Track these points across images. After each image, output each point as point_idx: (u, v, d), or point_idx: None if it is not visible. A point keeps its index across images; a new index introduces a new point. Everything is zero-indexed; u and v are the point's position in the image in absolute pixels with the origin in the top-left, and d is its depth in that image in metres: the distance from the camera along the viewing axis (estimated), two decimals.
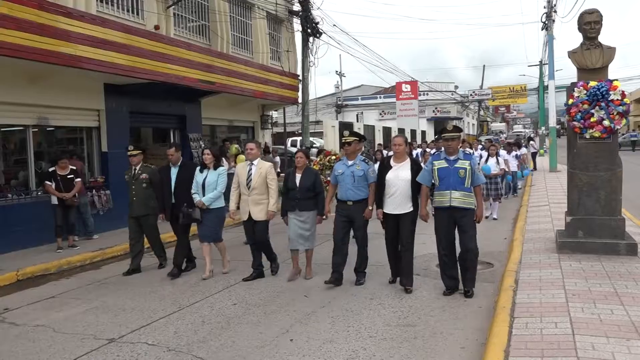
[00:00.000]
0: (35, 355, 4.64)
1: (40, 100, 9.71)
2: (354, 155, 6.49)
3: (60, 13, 8.88)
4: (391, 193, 6.04)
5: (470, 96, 48.59)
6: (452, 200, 5.68)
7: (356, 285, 6.34)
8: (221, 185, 7.11)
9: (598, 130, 6.95)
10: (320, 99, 39.01)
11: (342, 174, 6.44)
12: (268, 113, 18.46)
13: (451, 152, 5.79)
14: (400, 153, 6.12)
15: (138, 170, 7.62)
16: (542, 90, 37.56)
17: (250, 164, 6.91)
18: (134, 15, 11.59)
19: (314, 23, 17.10)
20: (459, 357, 4.27)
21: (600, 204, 7.05)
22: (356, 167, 6.37)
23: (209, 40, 14.16)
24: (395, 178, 6.02)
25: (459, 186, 5.67)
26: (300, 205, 6.65)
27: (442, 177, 5.76)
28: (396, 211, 6.04)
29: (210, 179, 7.08)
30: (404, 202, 6.01)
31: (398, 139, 6.17)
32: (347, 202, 6.38)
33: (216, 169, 7.14)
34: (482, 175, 5.92)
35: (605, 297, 5.15)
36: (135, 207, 7.55)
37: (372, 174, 6.36)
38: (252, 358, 4.38)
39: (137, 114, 12.05)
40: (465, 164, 5.71)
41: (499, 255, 7.73)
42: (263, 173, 6.82)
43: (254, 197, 6.79)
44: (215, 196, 7.05)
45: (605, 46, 7.14)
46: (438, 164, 5.82)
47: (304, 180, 6.67)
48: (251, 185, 6.79)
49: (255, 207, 6.80)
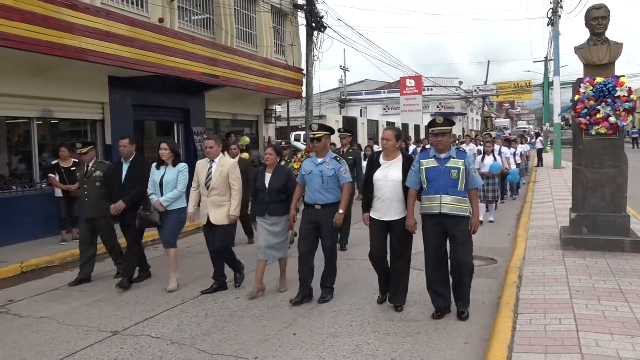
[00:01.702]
0: (39, 347, 4.66)
1: (45, 93, 9.71)
2: (323, 152, 5.68)
3: (64, 5, 8.87)
4: (379, 195, 5.20)
5: (474, 92, 48.46)
6: (442, 206, 4.86)
7: (320, 302, 5.56)
8: (181, 183, 6.33)
9: (604, 127, 6.92)
10: (324, 94, 38.90)
11: (309, 173, 5.62)
12: (272, 107, 18.46)
13: (441, 149, 4.97)
14: (390, 149, 5.23)
15: (91, 167, 6.81)
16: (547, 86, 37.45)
17: (210, 161, 6.17)
18: (139, 7, 11.57)
19: (318, 17, 17.07)
20: (463, 353, 4.27)
21: (605, 200, 7.03)
22: (326, 166, 5.56)
23: (213, 34, 14.13)
24: (384, 178, 5.17)
25: (450, 189, 4.86)
26: (270, 209, 5.81)
27: (430, 179, 4.92)
28: (385, 217, 5.18)
29: (169, 176, 6.28)
30: (393, 207, 5.15)
31: (387, 133, 5.28)
32: (315, 206, 5.55)
33: (175, 165, 6.34)
34: (478, 177, 5.08)
35: (609, 294, 5.14)
36: (88, 208, 6.70)
37: (344, 174, 5.57)
38: (255, 351, 4.38)
39: (141, 106, 12.06)
40: (459, 163, 4.89)
41: (503, 252, 7.71)
42: (224, 171, 6.06)
43: (214, 198, 6.04)
44: (175, 196, 6.26)
45: (612, 42, 7.10)
46: (426, 163, 4.98)
47: (274, 181, 5.85)
48: (210, 185, 6.04)
49: (215, 209, 6.05)
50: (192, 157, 13.44)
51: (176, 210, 6.31)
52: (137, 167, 6.56)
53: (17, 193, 9.46)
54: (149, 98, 12.19)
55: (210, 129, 15.11)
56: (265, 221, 5.87)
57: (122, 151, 6.57)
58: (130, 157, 6.59)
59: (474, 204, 5.02)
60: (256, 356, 4.29)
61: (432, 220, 4.97)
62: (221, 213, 6.04)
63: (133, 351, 4.48)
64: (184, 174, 6.35)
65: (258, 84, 15.07)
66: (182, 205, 6.38)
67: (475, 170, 5.01)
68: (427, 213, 4.98)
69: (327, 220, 5.52)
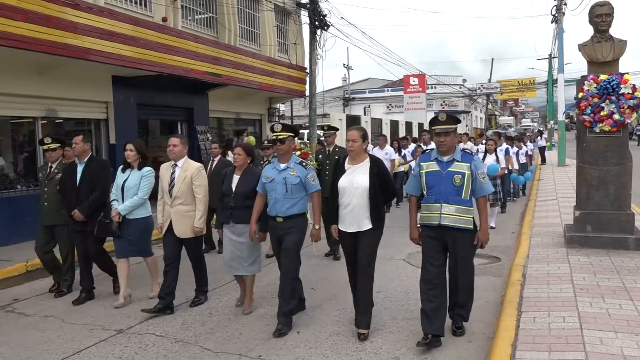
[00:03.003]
0: (44, 345, 4.68)
1: (49, 92, 9.74)
2: (287, 156, 4.97)
3: (68, 5, 8.89)
4: (345, 204, 4.60)
5: (478, 89, 48.31)
6: (442, 217, 4.28)
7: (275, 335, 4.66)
8: (144, 189, 5.61)
9: (608, 124, 6.90)
10: (328, 92, 38.91)
11: (271, 181, 4.91)
12: (275, 106, 18.46)
13: (444, 151, 4.37)
14: (356, 151, 4.61)
15: (54, 168, 6.15)
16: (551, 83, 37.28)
17: (174, 165, 5.51)
18: (142, 7, 11.58)
19: (321, 15, 17.06)
20: (466, 351, 4.26)
21: (609, 198, 7.01)
22: (290, 172, 4.86)
23: (217, 33, 14.13)
24: (349, 185, 4.55)
25: (452, 197, 4.28)
26: (235, 216, 5.17)
27: (431, 185, 4.38)
28: (351, 228, 4.58)
29: (132, 181, 5.62)
30: (360, 217, 4.54)
31: (352, 133, 4.62)
32: (277, 218, 4.87)
33: (141, 168, 5.66)
34: (488, 183, 4.43)
35: (613, 292, 5.13)
36: (47, 213, 6.09)
37: (312, 181, 4.88)
38: (259, 350, 4.39)
39: (145, 106, 12.09)
40: (464, 168, 4.30)
41: (507, 250, 7.70)
42: (188, 177, 5.38)
43: (178, 207, 5.37)
44: (134, 204, 5.57)
45: (617, 39, 7.07)
46: (427, 167, 4.44)
47: (241, 184, 5.21)
48: (173, 193, 5.38)
49: (180, 220, 5.37)
50: (195, 156, 13.46)
51: (139, 220, 5.67)
52: (92, 169, 5.90)
53: (22, 192, 9.50)
54: (152, 97, 12.21)
55: (213, 127, 15.13)
56: (231, 231, 5.25)
57: (74, 149, 5.96)
58: (85, 157, 5.95)
59: (483, 215, 4.46)
60: (260, 354, 4.31)
61: (431, 233, 4.41)
62: (186, 226, 5.39)
63: (138, 349, 4.50)
64: (148, 179, 5.67)
65: (261, 83, 15.08)
66: (147, 214, 5.72)
67: (484, 175, 4.37)
68: (426, 224, 4.43)
69: (290, 234, 4.85)
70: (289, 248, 4.85)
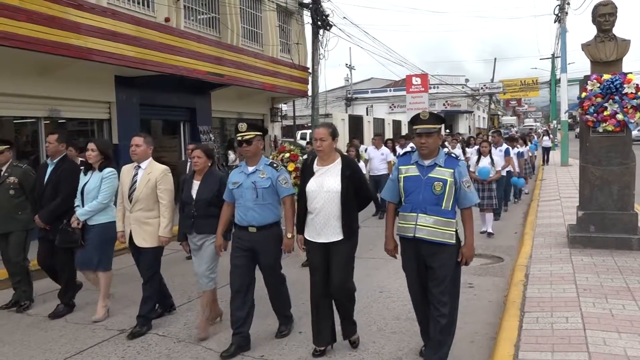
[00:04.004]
0: (47, 345, 4.69)
1: (52, 93, 9.76)
2: (256, 158, 4.45)
3: (70, 5, 8.90)
4: (313, 211, 4.13)
5: (481, 89, 48.25)
6: (417, 229, 3.76)
7: (277, 337, 4.66)
8: (105, 192, 5.14)
9: (611, 124, 6.89)
10: (330, 92, 38.93)
11: (239, 187, 4.40)
12: (278, 106, 18.48)
13: (426, 154, 3.84)
14: (325, 151, 4.13)
15: (4, 171, 5.67)
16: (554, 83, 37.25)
17: (136, 166, 4.99)
18: (145, 7, 11.60)
19: (324, 15, 17.06)
20: (469, 351, 4.26)
21: (612, 198, 6.99)
22: (260, 176, 4.37)
23: (219, 33, 14.15)
24: (318, 188, 4.11)
25: (430, 207, 3.74)
26: (198, 225, 4.70)
27: (409, 192, 3.85)
28: (321, 238, 4.12)
29: (92, 184, 5.17)
30: (331, 226, 4.08)
31: (320, 131, 4.16)
32: (249, 229, 4.36)
33: (102, 169, 5.20)
34: (473, 193, 3.89)
35: (617, 292, 5.12)
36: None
37: (284, 184, 4.40)
38: (262, 350, 4.39)
39: (148, 106, 12.11)
40: (446, 174, 3.77)
41: (509, 250, 7.69)
42: (152, 180, 4.88)
43: (138, 214, 4.87)
44: (94, 208, 5.12)
45: (620, 39, 7.06)
46: (405, 171, 3.90)
47: (203, 190, 4.72)
48: (134, 198, 4.88)
49: (139, 229, 4.88)
50: None
51: (99, 226, 5.17)
52: (60, 171, 5.47)
53: None
54: (155, 97, 12.23)
55: (216, 128, 15.15)
56: (193, 242, 4.79)
57: (47, 149, 5.57)
58: (57, 157, 5.54)
59: (468, 228, 3.89)
60: (262, 354, 4.31)
61: (407, 245, 3.91)
62: (147, 233, 4.88)
63: (140, 349, 4.51)
64: (109, 182, 5.18)
65: (264, 83, 15.09)
66: (109, 219, 5.21)
67: (469, 184, 3.84)
68: (403, 235, 3.91)
69: (266, 247, 4.38)
70: (269, 266, 4.46)
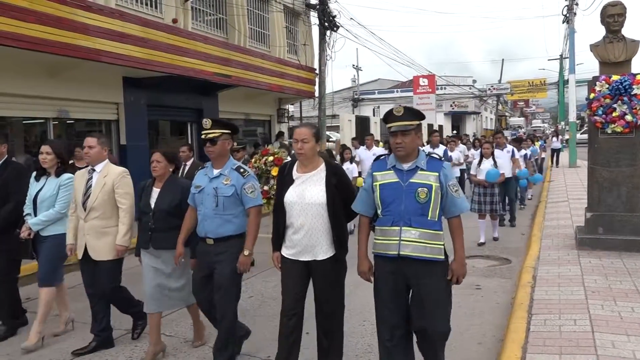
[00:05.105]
0: (55, 344, 4.73)
1: (60, 93, 9.84)
2: (222, 160, 3.97)
3: (79, 6, 8.97)
4: (293, 225, 3.57)
5: (488, 90, 48.10)
6: (401, 245, 3.18)
7: None
8: (62, 201, 4.66)
9: (620, 125, 6.86)
10: (337, 93, 38.92)
11: (200, 191, 3.94)
12: (284, 107, 18.50)
13: (403, 156, 3.25)
14: (307, 154, 3.55)
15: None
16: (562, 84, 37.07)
17: (90, 170, 4.50)
18: (152, 8, 11.66)
19: (331, 16, 17.05)
20: (476, 353, 4.24)
21: (621, 200, 6.95)
22: (223, 182, 3.88)
23: (226, 34, 14.20)
24: (299, 199, 3.54)
25: (415, 218, 3.18)
26: (156, 240, 4.18)
27: (387, 202, 3.25)
28: (303, 256, 3.57)
29: (47, 191, 4.68)
30: (315, 242, 3.53)
31: (301, 131, 3.57)
32: (207, 240, 3.91)
33: (59, 175, 4.72)
34: (463, 199, 3.30)
35: (626, 294, 5.08)
36: None
37: (250, 193, 3.87)
38: (268, 350, 4.39)
39: (155, 107, 12.17)
40: (430, 178, 3.20)
41: (517, 251, 7.66)
42: (108, 184, 4.41)
43: (94, 223, 4.38)
44: (50, 218, 4.63)
45: (629, 39, 7.02)
46: (381, 178, 3.30)
47: (162, 199, 4.22)
48: (88, 205, 4.38)
49: (95, 239, 4.38)
50: (205, 157, 13.52)
51: (52, 238, 4.68)
52: (5, 176, 4.92)
53: None
54: (162, 98, 12.29)
55: None
56: (152, 258, 4.25)
57: None
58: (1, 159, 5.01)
59: (457, 241, 3.28)
60: (269, 355, 4.31)
61: (387, 266, 3.27)
62: (104, 244, 4.39)
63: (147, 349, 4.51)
64: (67, 189, 4.67)
65: (271, 84, 15.12)
66: (63, 230, 4.68)
67: (456, 188, 3.28)
68: (381, 254, 3.28)
69: (223, 262, 3.86)
70: (222, 283, 3.87)
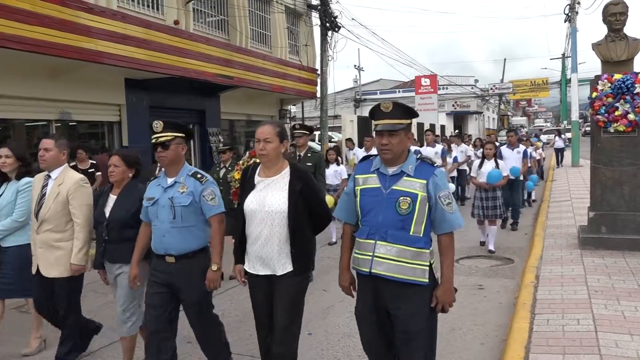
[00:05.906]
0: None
1: (63, 95, 9.86)
2: (176, 166, 3.52)
3: (81, 9, 9.00)
4: (253, 235, 3.21)
5: (490, 90, 48.03)
6: (374, 262, 2.80)
7: None
8: (20, 209, 4.24)
9: (622, 124, 6.84)
10: (339, 93, 38.91)
11: (154, 204, 3.49)
12: (286, 107, 18.55)
13: (389, 160, 2.84)
14: (270, 157, 3.18)
15: None
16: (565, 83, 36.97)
17: (47, 176, 4.08)
18: (154, 10, 11.69)
19: (332, 17, 17.07)
20: (479, 353, 4.24)
21: (624, 199, 6.93)
22: (179, 190, 3.45)
23: (228, 35, 14.21)
24: (258, 207, 3.17)
25: (393, 232, 2.77)
26: (109, 252, 3.79)
27: (366, 210, 2.88)
28: (262, 270, 3.21)
29: (5, 198, 4.27)
30: (277, 255, 3.16)
31: (264, 130, 3.18)
32: (166, 258, 3.44)
33: (20, 179, 4.31)
34: (456, 214, 2.83)
35: (629, 294, 5.06)
36: None
37: (210, 200, 3.46)
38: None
39: (157, 108, 12.17)
40: (415, 186, 2.78)
41: (520, 251, 7.64)
42: (63, 193, 3.94)
43: (46, 236, 3.95)
44: (8, 227, 4.22)
45: (631, 38, 7.01)
46: (363, 182, 2.93)
47: (118, 208, 3.78)
48: (40, 215, 3.96)
49: (48, 253, 3.94)
50: (207, 158, 13.57)
51: (14, 249, 4.25)
52: None
53: None
54: (164, 100, 12.31)
55: (225, 129, 15.21)
56: (111, 270, 3.84)
57: None
58: None
59: (445, 261, 2.83)
60: None
61: (364, 285, 2.93)
62: (56, 260, 3.93)
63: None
64: (24, 195, 4.24)
65: (272, 85, 15.14)
66: (26, 240, 4.24)
67: (449, 201, 2.81)
68: (358, 270, 2.93)
69: (188, 281, 3.45)
70: (192, 304, 3.52)
